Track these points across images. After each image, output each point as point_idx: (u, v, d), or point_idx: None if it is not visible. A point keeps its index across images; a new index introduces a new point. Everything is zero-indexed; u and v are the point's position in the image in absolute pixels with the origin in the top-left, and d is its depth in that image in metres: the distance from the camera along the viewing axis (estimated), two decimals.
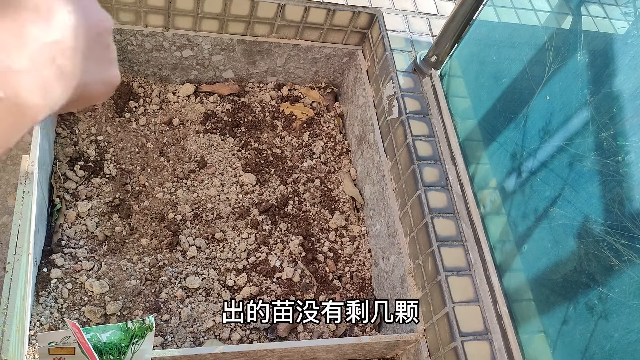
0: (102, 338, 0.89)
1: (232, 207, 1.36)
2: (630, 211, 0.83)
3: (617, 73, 0.92)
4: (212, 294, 1.22)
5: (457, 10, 1.20)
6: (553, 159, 1.00)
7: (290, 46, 1.47)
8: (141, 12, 1.30)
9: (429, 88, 1.31)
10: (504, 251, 1.08)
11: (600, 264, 0.86)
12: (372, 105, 1.41)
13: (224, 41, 1.42)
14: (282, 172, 1.45)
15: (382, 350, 1.15)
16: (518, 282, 1.04)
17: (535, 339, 0.99)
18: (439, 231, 1.10)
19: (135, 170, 1.34)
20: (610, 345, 0.84)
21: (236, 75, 1.54)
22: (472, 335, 1.01)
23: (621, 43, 0.94)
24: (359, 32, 1.46)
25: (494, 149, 1.14)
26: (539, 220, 1.00)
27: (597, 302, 0.87)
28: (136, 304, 1.17)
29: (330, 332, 1.25)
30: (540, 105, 1.04)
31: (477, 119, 1.20)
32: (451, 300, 1.03)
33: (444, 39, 1.26)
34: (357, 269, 1.36)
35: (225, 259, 1.28)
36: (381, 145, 1.35)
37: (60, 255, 1.17)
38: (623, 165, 0.87)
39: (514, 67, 1.12)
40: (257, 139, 1.48)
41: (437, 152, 1.21)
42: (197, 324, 1.17)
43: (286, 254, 1.32)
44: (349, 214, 1.44)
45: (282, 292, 1.26)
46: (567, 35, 1.04)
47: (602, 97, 0.92)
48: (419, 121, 1.24)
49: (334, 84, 1.64)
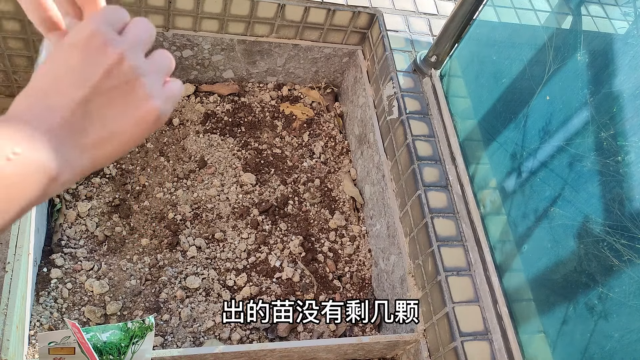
0: (102, 338, 0.89)
1: (232, 207, 1.36)
2: (630, 211, 0.83)
3: (617, 73, 0.91)
4: (212, 294, 1.22)
5: (457, 10, 1.20)
6: (553, 159, 1.00)
7: (290, 46, 1.47)
8: (141, 12, 1.30)
9: (429, 88, 1.31)
10: (504, 251, 1.08)
11: (600, 264, 0.86)
12: (372, 105, 1.41)
13: (224, 41, 1.42)
14: (282, 172, 1.45)
15: (382, 350, 1.15)
16: (518, 282, 1.04)
17: (535, 339, 0.99)
18: (439, 231, 1.10)
19: (135, 170, 1.34)
20: (611, 345, 0.84)
21: (236, 75, 1.54)
22: (472, 335, 1.01)
23: (621, 43, 0.94)
24: (359, 32, 1.46)
25: (494, 149, 1.14)
26: (539, 220, 1.00)
27: (597, 302, 0.87)
28: (136, 304, 1.17)
29: (330, 332, 1.25)
30: (540, 105, 1.04)
31: (477, 119, 1.20)
32: (451, 300, 1.03)
33: (444, 39, 1.26)
34: (357, 269, 1.36)
35: (225, 259, 1.28)
36: (381, 145, 1.35)
37: (60, 255, 1.17)
38: (623, 165, 0.87)
39: (514, 67, 1.11)
40: (257, 139, 1.48)
41: (437, 152, 1.21)
42: (197, 324, 1.17)
43: (286, 254, 1.32)
44: (349, 214, 1.44)
45: (282, 292, 1.26)
46: (567, 35, 1.04)
47: (602, 97, 0.92)
48: (419, 121, 1.24)
49: (334, 84, 1.64)
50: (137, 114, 0.34)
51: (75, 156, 0.32)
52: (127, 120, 0.34)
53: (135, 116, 0.34)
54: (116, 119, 0.34)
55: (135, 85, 0.34)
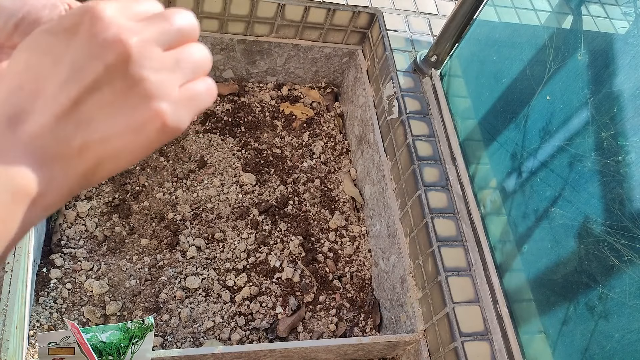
0: (101, 338, 0.89)
1: (232, 207, 1.36)
2: (631, 211, 0.83)
3: (617, 73, 0.91)
4: (211, 294, 1.22)
5: (457, 10, 1.20)
6: (553, 159, 1.00)
7: (290, 46, 1.46)
8: None
9: (429, 88, 1.31)
10: (504, 251, 1.08)
11: (600, 264, 0.86)
12: (372, 105, 1.41)
13: (224, 41, 1.41)
14: (282, 172, 1.45)
15: (382, 350, 1.14)
16: (518, 282, 1.04)
17: (536, 339, 0.99)
18: (439, 231, 1.10)
19: (134, 170, 1.34)
20: (611, 345, 0.84)
21: (236, 75, 1.54)
22: (473, 336, 1.01)
23: (622, 43, 0.94)
24: (359, 31, 1.46)
25: (494, 149, 1.14)
26: (539, 221, 1.00)
27: (597, 302, 0.87)
28: (136, 304, 1.17)
29: (330, 333, 1.24)
30: (540, 105, 1.04)
31: (478, 118, 1.20)
32: (451, 301, 1.03)
33: (444, 38, 1.26)
34: (357, 269, 1.36)
35: (225, 259, 1.27)
36: (381, 145, 1.34)
37: (60, 255, 1.17)
38: (623, 165, 0.87)
39: (515, 67, 1.11)
40: (256, 139, 1.48)
41: (437, 152, 1.21)
42: (197, 324, 1.17)
43: (286, 254, 1.32)
44: (349, 214, 1.44)
45: (282, 293, 1.26)
46: (568, 35, 1.04)
47: (602, 97, 0.92)
48: (419, 121, 1.24)
49: (334, 84, 1.64)
50: (135, 120, 0.26)
51: (60, 173, 0.26)
52: (123, 127, 0.26)
53: (133, 122, 0.26)
54: (110, 124, 0.26)
55: (138, 82, 0.26)
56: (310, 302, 1.27)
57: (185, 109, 0.28)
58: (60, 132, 0.25)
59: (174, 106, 0.28)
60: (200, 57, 0.30)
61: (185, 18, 0.29)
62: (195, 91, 0.29)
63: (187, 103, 0.29)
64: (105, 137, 0.26)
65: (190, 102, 0.29)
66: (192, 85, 0.29)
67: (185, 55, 0.29)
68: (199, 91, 0.29)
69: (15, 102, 0.25)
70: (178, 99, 0.28)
